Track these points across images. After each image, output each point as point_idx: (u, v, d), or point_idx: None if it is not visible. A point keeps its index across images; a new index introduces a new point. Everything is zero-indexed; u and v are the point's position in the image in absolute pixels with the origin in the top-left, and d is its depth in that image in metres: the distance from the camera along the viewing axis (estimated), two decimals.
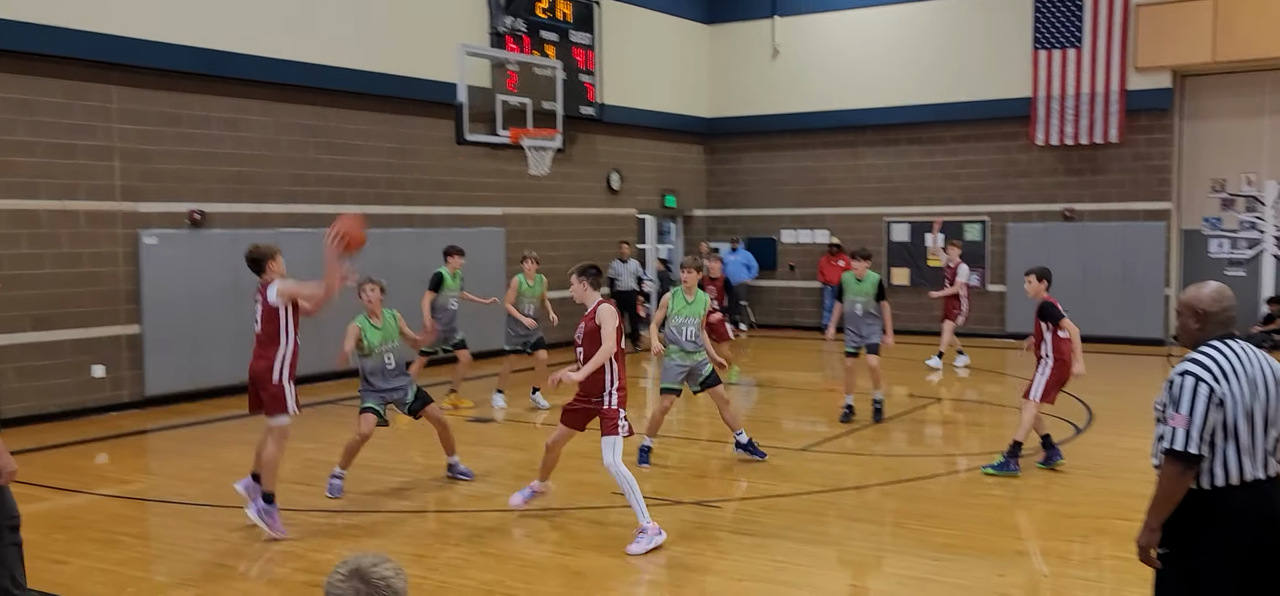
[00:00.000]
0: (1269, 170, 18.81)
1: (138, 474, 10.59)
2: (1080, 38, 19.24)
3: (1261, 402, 4.20)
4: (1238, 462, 4.16)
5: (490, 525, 8.22)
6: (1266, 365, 4.28)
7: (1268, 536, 4.21)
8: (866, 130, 21.64)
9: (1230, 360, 4.20)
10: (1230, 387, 4.15)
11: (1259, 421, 4.19)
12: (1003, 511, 8.47)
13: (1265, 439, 4.21)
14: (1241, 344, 4.29)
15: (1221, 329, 4.31)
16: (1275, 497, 4.24)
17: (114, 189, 13.26)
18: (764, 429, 12.05)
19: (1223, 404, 4.14)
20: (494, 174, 18.21)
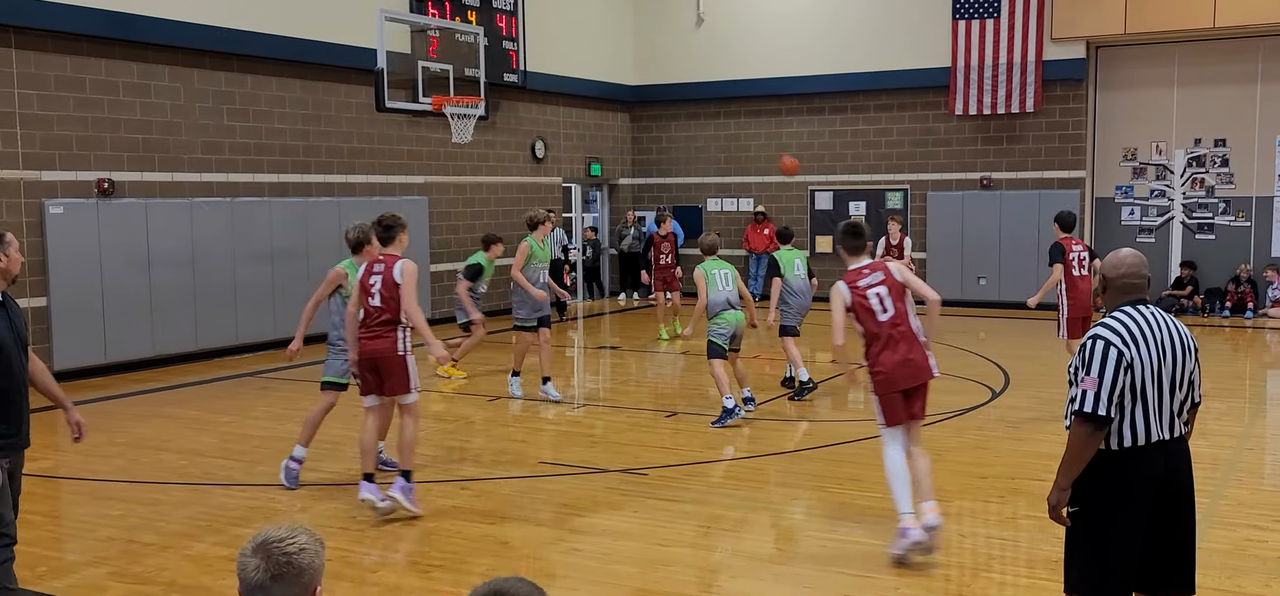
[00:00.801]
0: (1178, 140, 19.34)
1: (46, 451, 10.26)
2: (998, 9, 19.53)
3: (1169, 366, 4.31)
4: (1145, 424, 4.27)
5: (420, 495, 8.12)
6: (1175, 329, 4.38)
7: (1172, 492, 4.35)
8: (790, 98, 21.75)
9: (1140, 325, 4.30)
10: (1139, 352, 4.25)
11: (1166, 384, 4.30)
12: None
13: (1171, 401, 4.32)
14: (1152, 309, 4.39)
15: (1128, 295, 4.41)
16: (1179, 457, 4.38)
17: (16, 157, 12.78)
18: (691, 397, 12.10)
19: (1131, 367, 4.24)
20: (415, 142, 17.94)
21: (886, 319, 6.68)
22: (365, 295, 7.49)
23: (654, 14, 22.79)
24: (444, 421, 10.83)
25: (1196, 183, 19.31)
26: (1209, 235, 19.24)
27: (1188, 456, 4.44)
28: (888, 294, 6.70)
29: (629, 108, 23.23)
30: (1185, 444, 4.43)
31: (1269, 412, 11.32)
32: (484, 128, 18.49)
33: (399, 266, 7.43)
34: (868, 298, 6.71)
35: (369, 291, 7.46)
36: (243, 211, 15.10)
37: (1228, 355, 14.99)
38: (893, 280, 6.74)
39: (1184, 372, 4.37)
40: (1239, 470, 8.63)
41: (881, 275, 6.75)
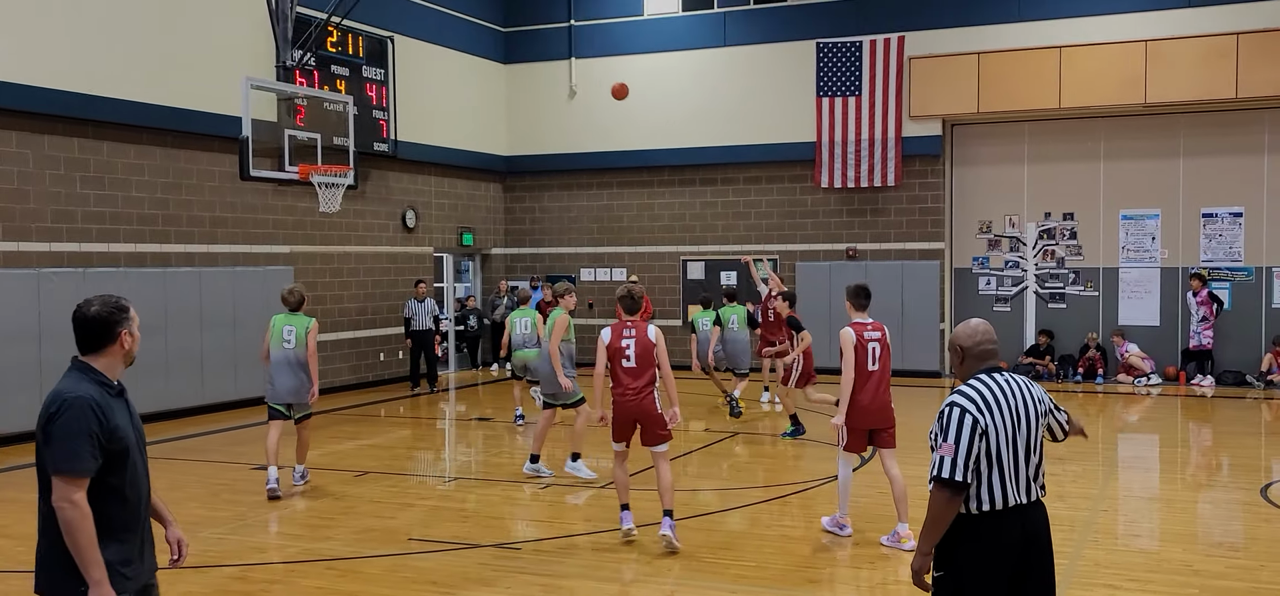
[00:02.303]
0: (1029, 213, 20.26)
1: None
2: (859, 87, 20.25)
3: (1024, 432, 4.44)
4: (1001, 489, 4.38)
5: (276, 577, 7.79)
6: (1029, 394, 4.52)
7: (1032, 556, 4.46)
8: (662, 170, 22.05)
9: (994, 392, 4.43)
10: (993, 418, 4.37)
11: (1021, 449, 4.43)
12: (794, 542, 8.68)
13: (1027, 466, 4.45)
14: (1006, 376, 4.53)
15: (982, 362, 4.55)
16: (1037, 520, 4.50)
17: None
18: (563, 470, 11.97)
19: (986, 434, 4.36)
20: (281, 211, 17.51)
21: (874, 369, 8.45)
22: (620, 357, 8.39)
23: (527, 86, 22.90)
24: (308, 497, 10.46)
25: (1047, 254, 20.23)
26: (1061, 304, 20.13)
27: (1046, 519, 4.56)
28: (880, 350, 8.50)
29: (502, 178, 23.19)
30: (1043, 507, 4.55)
31: (1121, 475, 11.81)
32: (353, 197, 18.18)
33: (652, 330, 8.49)
34: (868, 347, 8.44)
35: (624, 354, 8.38)
36: (96, 282, 14.43)
37: (1081, 420, 15.62)
38: (886, 341, 8.57)
39: (1038, 436, 4.51)
40: (1095, 531, 8.95)
41: (879, 333, 8.57)
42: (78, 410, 3.90)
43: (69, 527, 3.84)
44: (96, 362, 4.10)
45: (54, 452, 3.87)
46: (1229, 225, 19.06)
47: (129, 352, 4.19)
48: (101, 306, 4.10)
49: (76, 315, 4.09)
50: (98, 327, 4.09)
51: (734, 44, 21.31)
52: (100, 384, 4.05)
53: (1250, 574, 7.71)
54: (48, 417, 3.92)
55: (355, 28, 18.37)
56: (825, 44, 20.39)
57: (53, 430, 3.89)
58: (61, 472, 3.86)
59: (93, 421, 3.91)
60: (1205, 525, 9.42)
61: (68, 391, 3.95)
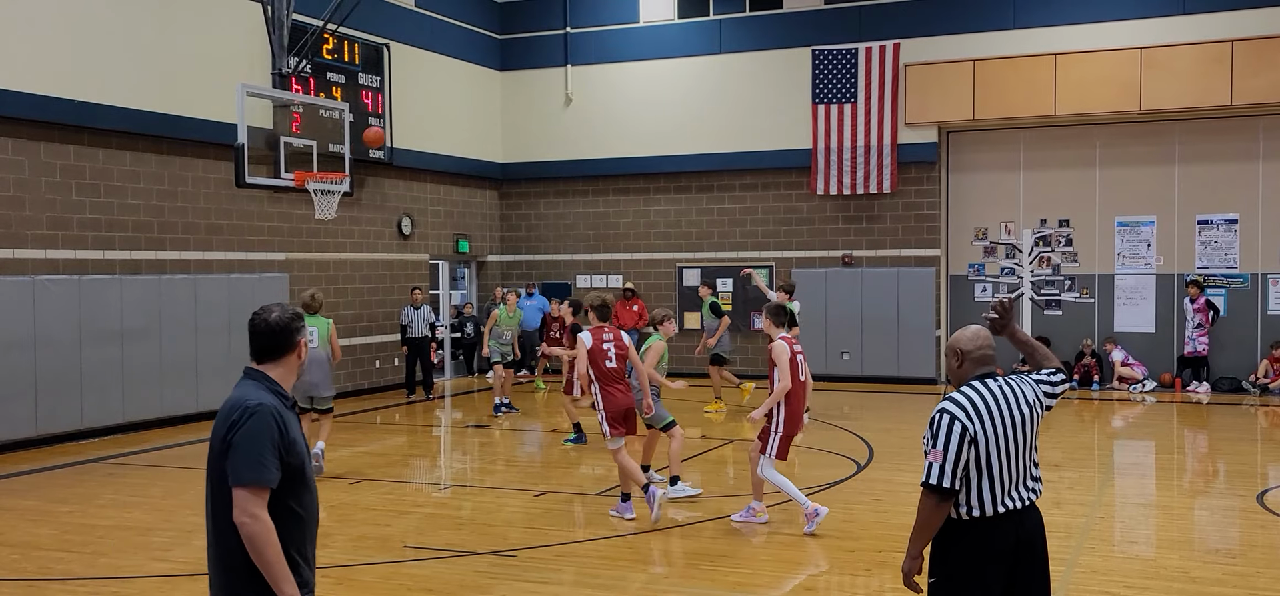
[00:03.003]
0: (1025, 220, 20.28)
1: None
2: (855, 94, 20.27)
3: (1017, 437, 4.44)
4: (991, 496, 4.39)
5: None
6: (1022, 396, 4.52)
7: (1026, 561, 4.46)
8: (658, 177, 22.06)
9: (985, 399, 4.43)
10: (983, 426, 4.38)
11: (1014, 454, 4.42)
12: (790, 548, 8.67)
13: (1021, 470, 4.45)
14: (1001, 381, 4.53)
15: (980, 367, 4.55)
16: (1032, 526, 4.49)
17: None
18: (561, 474, 11.98)
19: (975, 441, 4.36)
20: (277, 218, 17.49)
21: (803, 380, 9.12)
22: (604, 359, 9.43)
23: (522, 93, 22.91)
24: None
25: (1043, 261, 20.25)
26: (1056, 311, 20.15)
27: (1041, 525, 4.56)
28: (804, 361, 9.18)
29: (498, 185, 23.19)
30: (1037, 512, 4.55)
31: (1117, 481, 11.81)
32: (349, 204, 18.18)
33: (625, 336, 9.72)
34: (798, 359, 9.06)
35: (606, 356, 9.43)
36: (91, 290, 14.42)
37: (1077, 426, 15.63)
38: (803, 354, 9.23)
39: (1032, 437, 4.51)
40: (1091, 538, 8.95)
41: (800, 346, 9.18)
42: (262, 418, 3.70)
43: (254, 542, 3.63)
44: (272, 371, 3.91)
45: (238, 462, 3.66)
46: (1224, 232, 19.09)
47: (302, 362, 4.00)
48: (281, 313, 3.92)
49: (256, 322, 3.91)
50: (278, 335, 3.90)
51: (730, 51, 21.33)
52: (276, 394, 3.86)
53: (1247, 581, 7.71)
54: (230, 425, 3.72)
55: (351, 35, 18.37)
56: (821, 51, 20.42)
57: (237, 439, 3.68)
58: (246, 483, 3.64)
59: (276, 431, 3.72)
60: (1201, 531, 9.42)
61: (249, 399, 3.76)
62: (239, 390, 3.84)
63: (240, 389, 3.85)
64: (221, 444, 3.72)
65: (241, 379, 3.93)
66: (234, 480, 3.65)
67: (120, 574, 8.02)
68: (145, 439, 14.20)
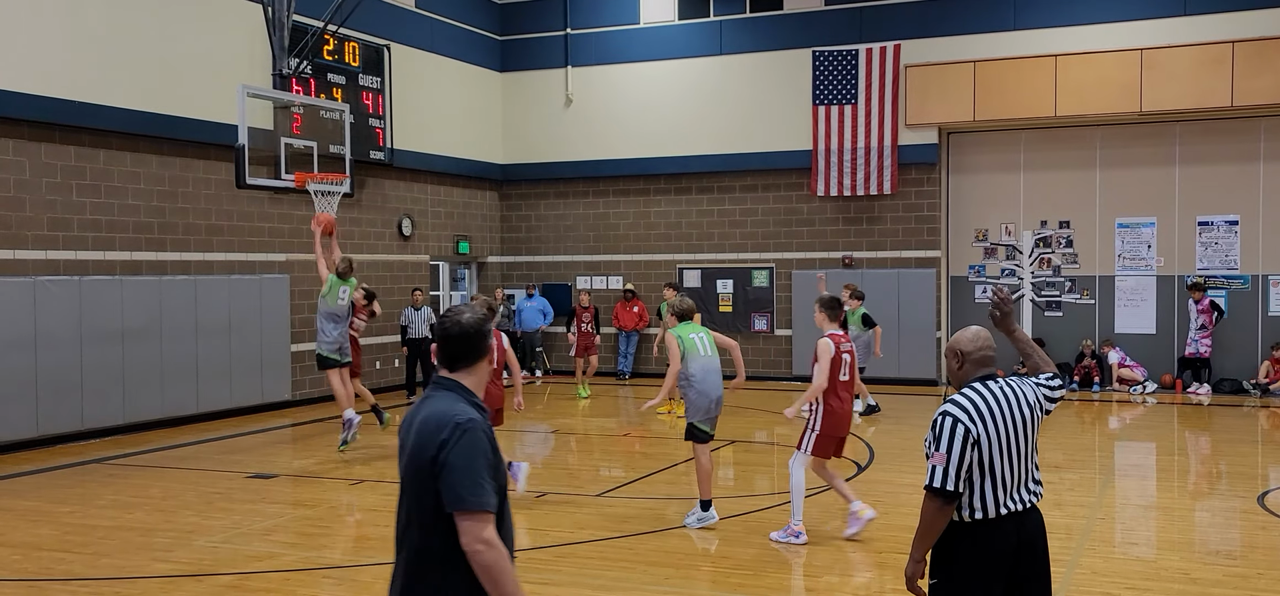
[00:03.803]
0: (1025, 221, 20.28)
1: None
2: (855, 95, 20.28)
3: (1019, 438, 4.43)
4: (994, 497, 4.38)
5: (272, 586, 7.77)
6: (1022, 397, 4.52)
7: (1028, 563, 4.45)
8: (658, 178, 22.06)
9: (987, 401, 4.42)
10: (986, 428, 4.37)
11: (1016, 455, 4.42)
12: (793, 550, 8.66)
13: (1022, 472, 4.44)
14: (1002, 383, 4.52)
15: (981, 368, 4.54)
16: (1033, 528, 4.48)
17: None
18: (560, 475, 11.98)
19: (978, 444, 4.36)
20: (277, 219, 17.50)
21: (845, 379, 8.75)
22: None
23: (523, 94, 22.91)
24: (305, 506, 10.43)
25: (1044, 262, 20.25)
26: (1057, 313, 20.15)
27: (1042, 527, 4.55)
28: (850, 361, 8.80)
29: (498, 186, 23.20)
30: (1038, 514, 4.54)
31: (1118, 483, 11.80)
32: (349, 205, 18.17)
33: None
34: (842, 357, 8.74)
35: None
36: (91, 291, 14.42)
37: (1077, 428, 15.63)
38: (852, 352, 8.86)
39: (1033, 438, 4.50)
40: (1092, 539, 8.94)
41: (850, 345, 8.86)
42: (476, 436, 3.36)
43: (491, 571, 3.31)
44: (466, 380, 3.55)
45: (458, 486, 3.30)
46: (1225, 233, 19.09)
47: (493, 367, 3.76)
48: (472, 315, 3.58)
49: (447, 326, 3.56)
50: (472, 339, 3.55)
51: (730, 52, 21.34)
52: (476, 406, 3.50)
53: (1248, 582, 7.70)
54: (440, 445, 3.35)
55: (352, 36, 18.38)
56: (822, 52, 20.42)
57: (453, 459, 3.32)
58: (470, 509, 3.30)
59: (489, 450, 3.39)
60: (1202, 533, 9.42)
61: (457, 414, 3.39)
62: (439, 403, 3.47)
63: (440, 401, 3.47)
64: (430, 465, 3.35)
65: (434, 389, 3.55)
66: (456, 505, 3.30)
67: (122, 574, 8.02)
68: (146, 440, 14.20)
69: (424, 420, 3.43)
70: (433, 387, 3.57)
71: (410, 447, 3.45)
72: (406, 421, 3.55)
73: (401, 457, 3.53)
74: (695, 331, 9.29)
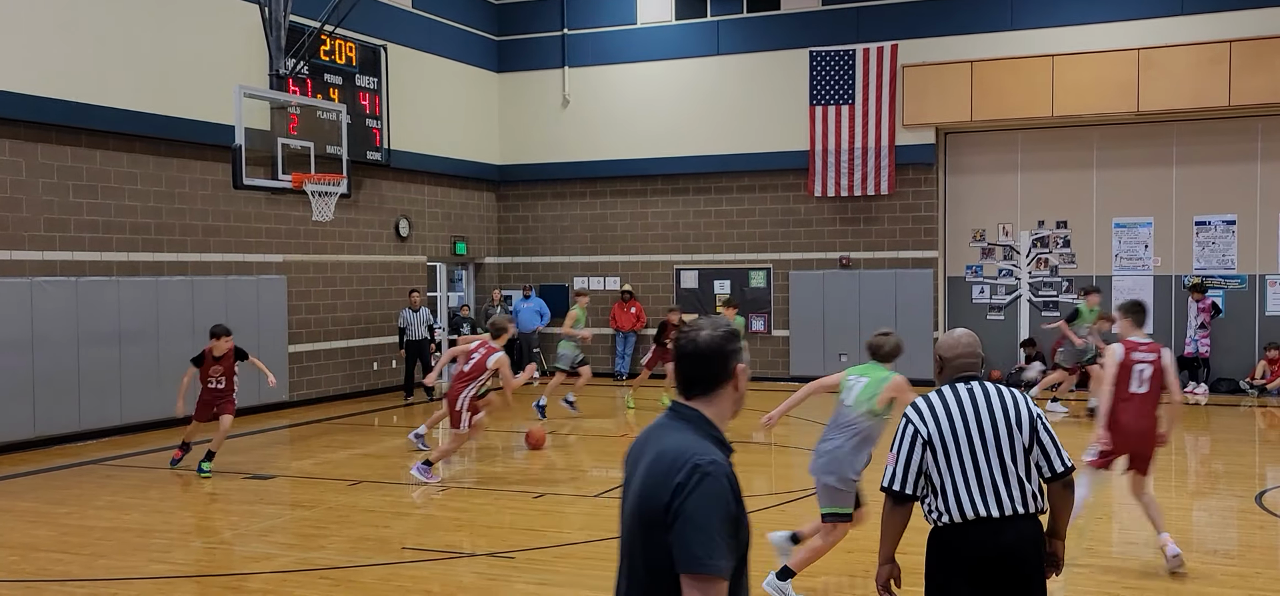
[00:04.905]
0: (1022, 221, 20.29)
1: None
2: (853, 96, 20.27)
3: (991, 443, 4.31)
4: (957, 502, 4.31)
5: (270, 586, 7.76)
6: (1002, 404, 4.38)
7: (1001, 572, 4.30)
8: (655, 179, 22.05)
9: (948, 403, 4.37)
10: (940, 429, 4.32)
11: (986, 460, 4.30)
12: None
13: (998, 476, 4.30)
14: (980, 386, 4.43)
15: (958, 373, 4.49)
16: (1015, 534, 4.30)
17: None
18: (560, 476, 11.97)
19: (931, 445, 4.33)
20: (274, 220, 17.47)
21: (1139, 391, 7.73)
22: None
23: (520, 95, 22.90)
24: (303, 507, 10.42)
25: (1041, 263, 20.26)
26: (1054, 313, 20.14)
27: (1030, 537, 4.36)
28: (1151, 374, 7.75)
29: (495, 187, 23.18)
30: (1025, 521, 4.34)
31: (1115, 481, 11.79)
32: (346, 206, 18.16)
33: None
34: (1133, 368, 7.76)
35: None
36: (88, 291, 14.39)
37: (1074, 428, 15.62)
38: (1159, 366, 7.76)
39: (1014, 446, 4.32)
40: (1090, 537, 8.94)
41: (1154, 356, 7.79)
42: (718, 484, 2.82)
43: None
44: (706, 409, 3.00)
45: (691, 542, 2.77)
46: (1222, 233, 19.11)
47: (740, 398, 3.05)
48: (711, 333, 3.02)
49: (683, 345, 3.04)
50: (710, 361, 3.00)
51: (727, 52, 21.33)
52: (719, 442, 2.96)
53: (1245, 581, 7.71)
54: (675, 489, 2.81)
55: (348, 36, 18.35)
56: (819, 52, 20.42)
57: (689, 509, 2.79)
58: (699, 572, 2.77)
59: (732, 502, 2.85)
60: (1200, 532, 9.42)
61: (698, 454, 2.86)
62: (676, 437, 2.94)
63: (677, 435, 2.95)
64: (663, 510, 2.83)
65: (669, 416, 3.03)
66: (686, 565, 2.78)
67: (118, 575, 8.00)
68: (143, 441, 14.16)
69: (658, 458, 2.90)
70: (669, 415, 3.03)
71: (638, 487, 2.94)
72: (634, 452, 3.05)
73: (625, 494, 3.04)
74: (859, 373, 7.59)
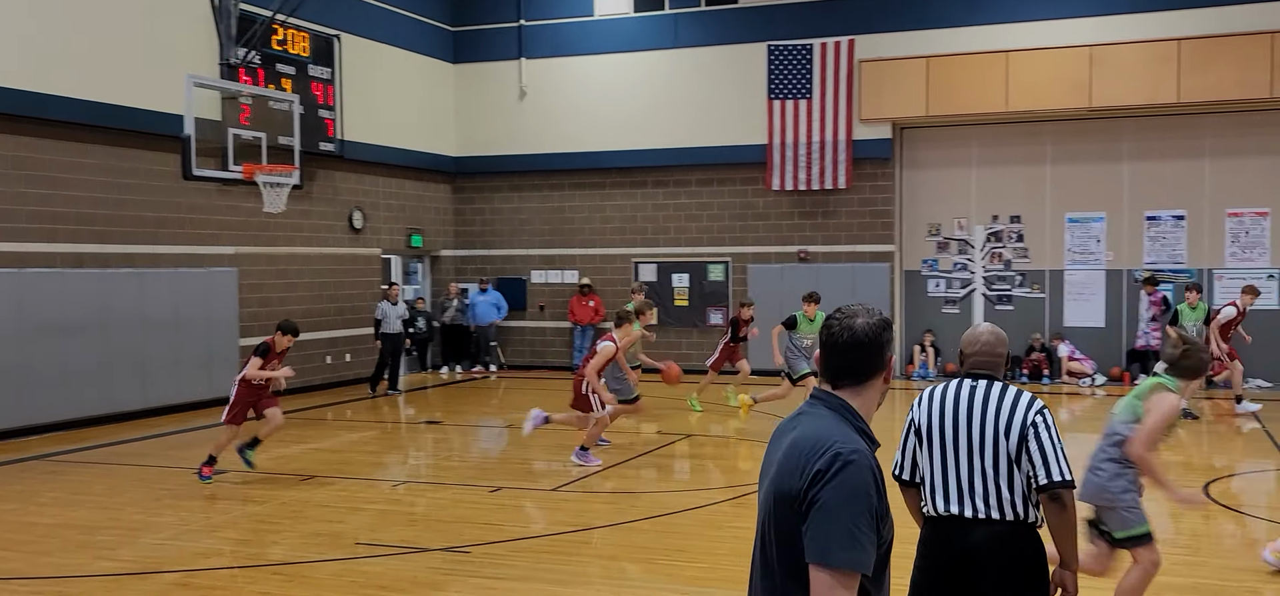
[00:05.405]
0: (977, 216, 20.46)
1: None
2: (810, 90, 20.33)
3: (971, 442, 4.30)
4: (931, 495, 4.38)
5: (220, 583, 7.62)
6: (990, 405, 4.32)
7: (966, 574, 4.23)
8: (614, 172, 21.98)
9: (946, 395, 4.39)
10: (929, 419, 4.37)
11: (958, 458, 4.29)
12: (747, 542, 8.63)
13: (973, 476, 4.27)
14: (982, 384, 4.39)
15: (973, 369, 4.46)
16: (978, 537, 4.23)
17: None
18: (516, 470, 11.89)
19: (919, 432, 4.38)
20: (225, 211, 17.20)
21: None
22: None
23: (476, 86, 22.72)
24: (255, 503, 10.26)
25: (995, 257, 20.44)
26: (1008, 306, 20.35)
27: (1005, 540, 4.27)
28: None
29: (452, 178, 22.99)
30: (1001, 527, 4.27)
31: (1076, 473, 11.89)
32: (299, 197, 17.90)
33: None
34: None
35: None
36: (32, 284, 14.08)
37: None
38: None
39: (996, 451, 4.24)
40: (1042, 531, 8.99)
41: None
42: (861, 475, 2.68)
43: None
44: (853, 399, 2.86)
45: (828, 533, 2.62)
46: (1172, 228, 19.38)
47: (887, 390, 2.95)
48: (867, 321, 2.90)
49: (834, 329, 2.89)
50: (865, 350, 2.87)
51: (686, 45, 21.30)
52: (866, 434, 2.82)
53: (1192, 569, 7.80)
54: (815, 477, 2.67)
55: (301, 26, 18.10)
56: (776, 46, 20.45)
57: (828, 498, 2.64)
58: (829, 564, 2.62)
59: (875, 495, 2.70)
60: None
61: (840, 441, 2.72)
62: (818, 424, 2.80)
63: (820, 422, 2.81)
64: (799, 498, 2.69)
65: (811, 403, 2.90)
66: (819, 556, 2.62)
67: (64, 573, 7.82)
68: (90, 435, 13.88)
69: (797, 441, 2.77)
70: (812, 402, 2.90)
71: (775, 471, 2.80)
72: (773, 439, 2.94)
73: (762, 482, 2.91)
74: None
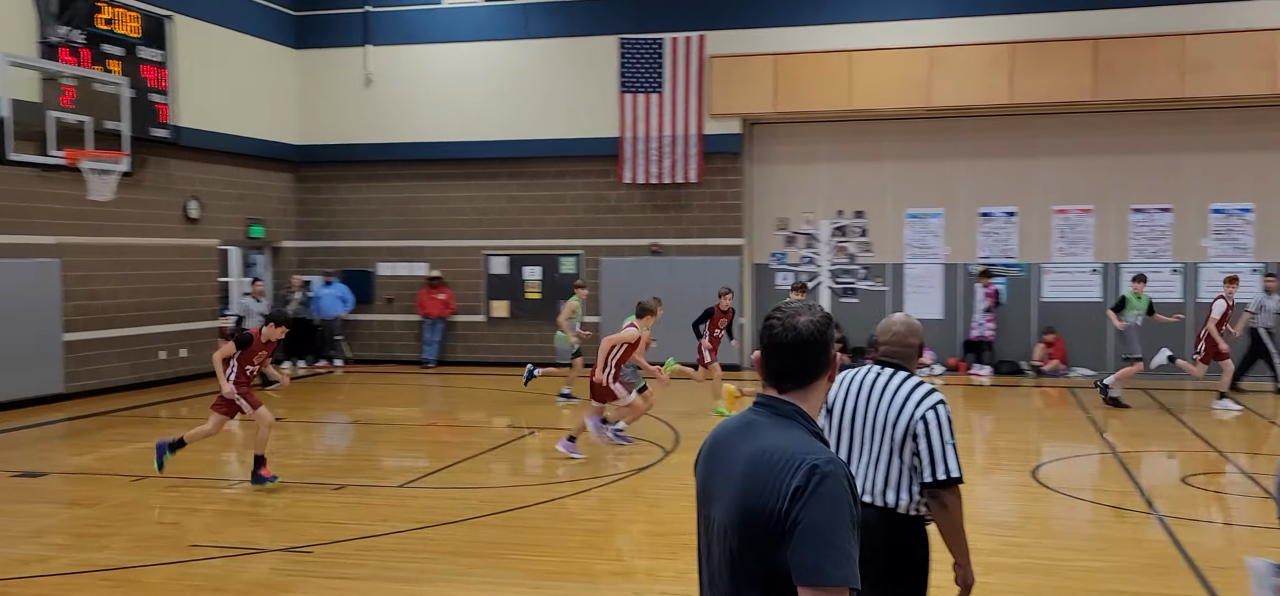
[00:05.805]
0: (823, 210, 20.96)
1: None
2: (661, 84, 20.45)
3: (866, 430, 4.40)
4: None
5: (44, 591, 7.14)
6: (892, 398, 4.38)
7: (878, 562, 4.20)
8: (465, 162, 21.65)
9: (854, 382, 4.49)
10: (837, 399, 4.49)
11: (859, 440, 4.42)
12: (600, 535, 8.61)
13: (868, 465, 4.38)
14: (885, 373, 4.47)
15: (882, 355, 4.54)
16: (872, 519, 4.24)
17: None
18: (361, 466, 11.57)
19: (830, 411, 4.49)
20: (47, 199, 16.18)
21: None
22: None
23: (319, 72, 22.04)
24: (82, 506, 9.68)
25: (840, 251, 21.00)
26: (853, 298, 20.93)
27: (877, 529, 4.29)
28: None
29: (294, 167, 22.24)
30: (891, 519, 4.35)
31: None
32: (129, 185, 17.00)
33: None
34: None
35: None
36: None
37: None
38: None
39: (881, 439, 4.34)
40: None
41: None
42: (839, 485, 2.49)
43: None
44: (802, 403, 2.68)
45: (816, 553, 2.43)
46: (1004, 224, 20.27)
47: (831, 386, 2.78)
48: (810, 316, 2.70)
49: (775, 329, 2.69)
50: (811, 349, 2.67)
51: (536, 36, 21.13)
52: (820, 439, 2.64)
53: (1023, 550, 8.14)
54: (793, 494, 2.47)
55: (130, 5, 17.18)
56: (628, 40, 20.50)
57: (810, 515, 2.45)
58: (824, 584, 2.43)
59: (850, 500, 2.51)
60: (981, 505, 9.90)
61: (811, 453, 2.52)
62: (775, 434, 2.60)
63: (779, 432, 2.61)
64: (779, 519, 2.47)
65: (757, 410, 2.69)
66: (809, 577, 2.43)
67: None
68: None
69: (759, 456, 2.55)
70: (758, 409, 2.69)
71: (738, 488, 2.57)
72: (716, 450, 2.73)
73: (708, 499, 2.70)
74: None
